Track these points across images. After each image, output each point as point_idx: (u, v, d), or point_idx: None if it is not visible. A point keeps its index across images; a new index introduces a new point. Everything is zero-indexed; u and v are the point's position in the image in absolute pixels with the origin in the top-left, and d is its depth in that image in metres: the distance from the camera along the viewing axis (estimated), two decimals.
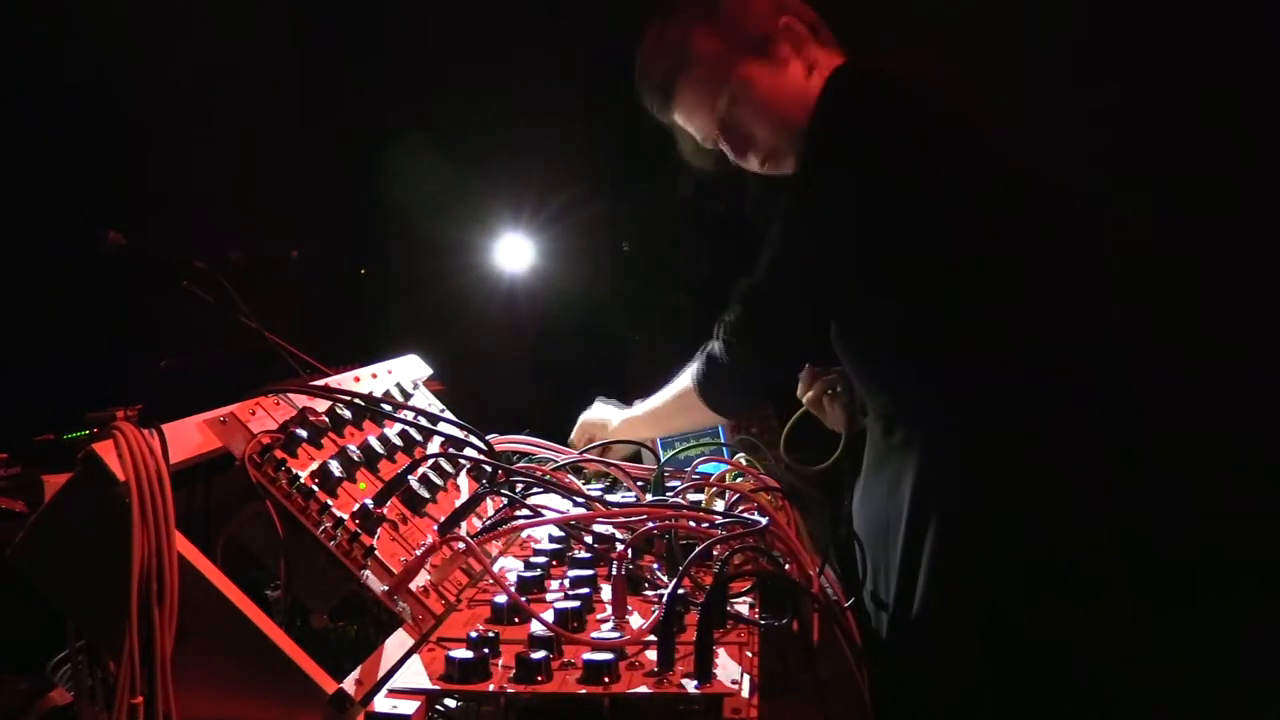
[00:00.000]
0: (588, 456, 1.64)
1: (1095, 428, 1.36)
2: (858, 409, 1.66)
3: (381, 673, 1.00)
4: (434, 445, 1.36)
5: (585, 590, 1.16)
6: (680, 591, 1.05)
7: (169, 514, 0.90)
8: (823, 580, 1.21)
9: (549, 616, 1.06)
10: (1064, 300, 1.44)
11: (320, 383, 1.29)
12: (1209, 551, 1.32)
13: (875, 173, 1.39)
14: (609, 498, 1.45)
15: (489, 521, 1.27)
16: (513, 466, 1.46)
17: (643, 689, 0.95)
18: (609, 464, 1.60)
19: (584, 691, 0.94)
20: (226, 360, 2.58)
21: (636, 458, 1.74)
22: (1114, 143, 2.87)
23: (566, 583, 1.20)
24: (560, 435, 1.65)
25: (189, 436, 1.06)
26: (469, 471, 1.36)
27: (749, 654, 1.02)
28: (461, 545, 1.13)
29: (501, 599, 1.10)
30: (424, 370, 1.59)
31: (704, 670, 0.96)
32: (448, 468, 1.31)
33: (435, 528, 1.17)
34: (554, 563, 1.27)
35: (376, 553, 1.05)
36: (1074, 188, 1.49)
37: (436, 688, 0.96)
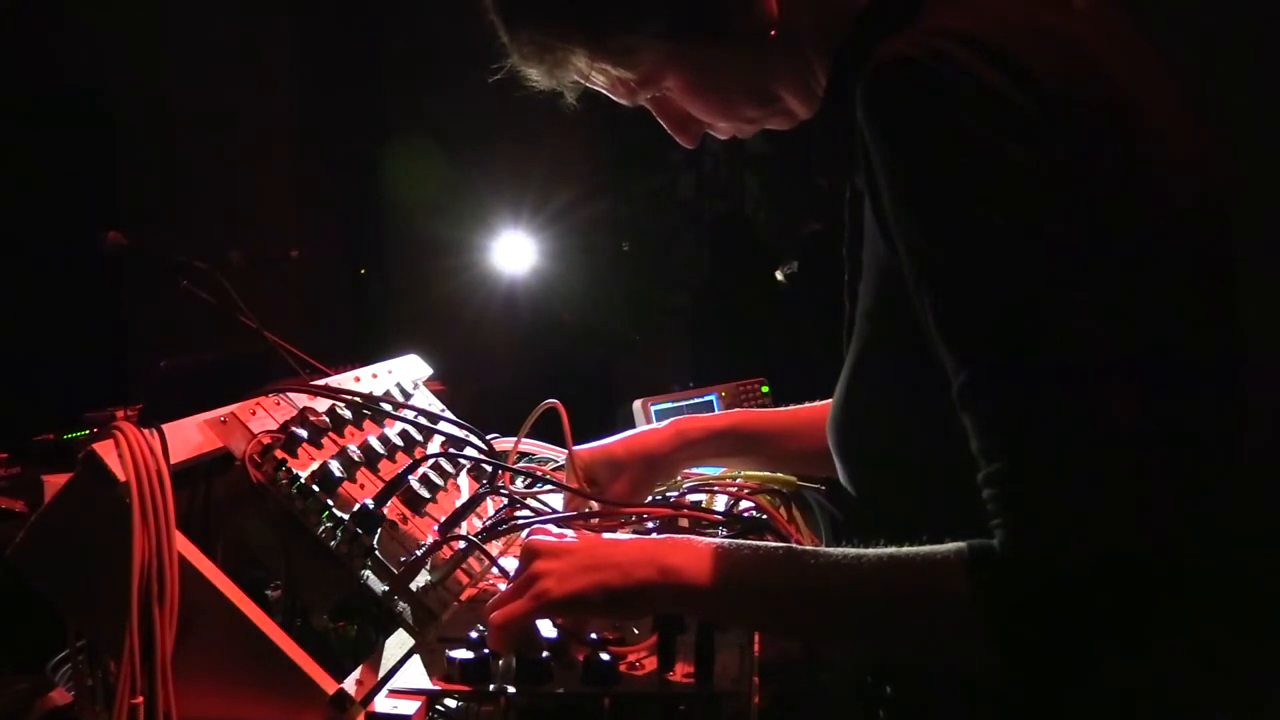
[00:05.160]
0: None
1: None
2: None
3: (381, 673, 1.00)
4: (434, 445, 1.36)
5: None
6: None
7: (169, 514, 0.90)
8: None
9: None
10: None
11: (320, 383, 1.29)
12: None
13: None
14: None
15: (489, 521, 1.27)
16: (513, 466, 1.45)
17: (643, 689, 0.95)
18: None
19: (584, 691, 0.94)
20: (226, 360, 2.58)
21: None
22: None
23: None
24: (560, 435, 1.64)
25: (189, 436, 1.05)
26: (469, 471, 1.36)
27: (749, 654, 1.02)
28: (462, 545, 1.13)
29: None
30: (424, 370, 1.59)
31: (704, 670, 0.96)
32: (448, 468, 1.31)
33: (435, 528, 1.17)
34: None
35: (376, 553, 1.05)
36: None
37: (436, 688, 0.97)
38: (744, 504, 1.38)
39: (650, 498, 1.46)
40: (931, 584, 0.83)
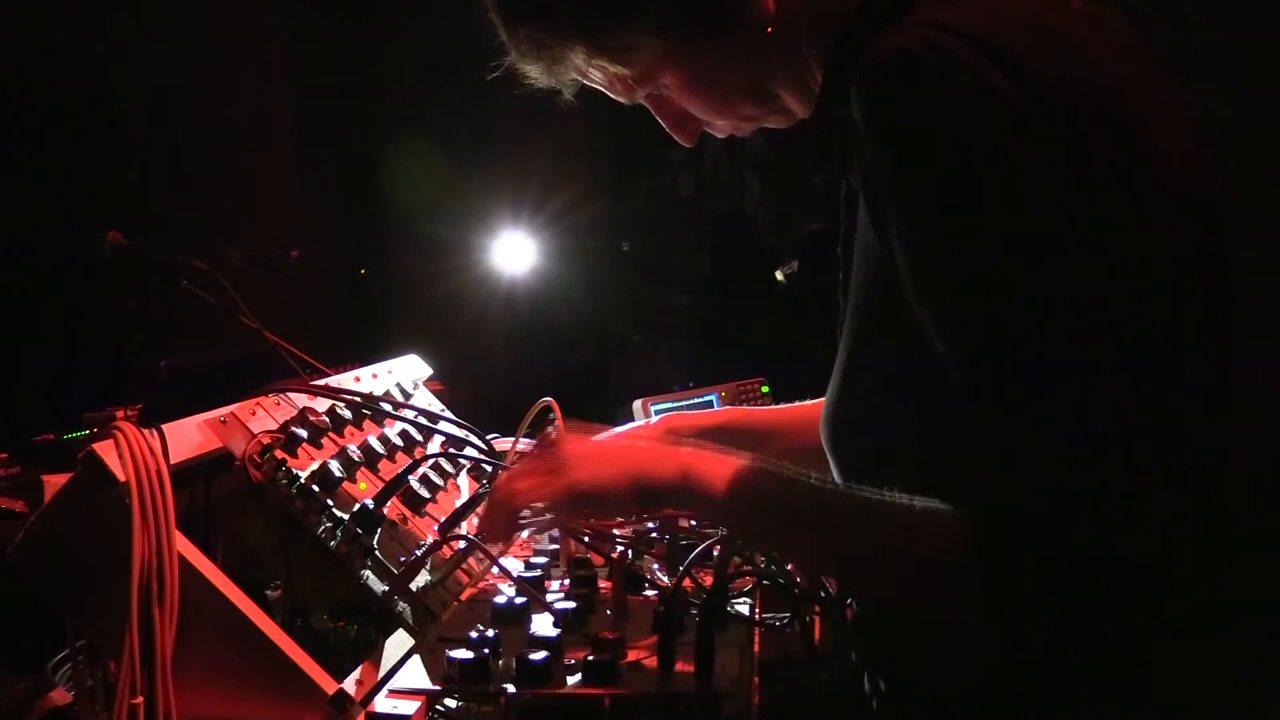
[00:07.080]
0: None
1: None
2: None
3: (381, 673, 1.00)
4: (434, 445, 1.36)
5: (585, 590, 1.16)
6: (680, 592, 1.05)
7: (169, 514, 0.90)
8: (823, 579, 1.21)
9: (548, 617, 1.06)
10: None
11: (320, 383, 1.29)
12: None
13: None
14: None
15: None
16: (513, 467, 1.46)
17: (643, 689, 0.95)
18: None
19: (584, 692, 0.94)
20: (226, 360, 2.58)
21: None
22: None
23: (567, 582, 1.20)
24: None
25: (189, 436, 1.06)
26: (469, 471, 1.36)
27: (749, 654, 1.02)
28: (462, 545, 1.13)
29: (501, 599, 1.11)
30: (424, 370, 1.59)
31: (704, 670, 0.96)
32: (448, 467, 1.31)
33: (435, 528, 1.17)
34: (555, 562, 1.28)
35: (376, 553, 1.05)
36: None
37: (436, 688, 0.97)
38: None
39: None
40: (940, 537, 0.84)
